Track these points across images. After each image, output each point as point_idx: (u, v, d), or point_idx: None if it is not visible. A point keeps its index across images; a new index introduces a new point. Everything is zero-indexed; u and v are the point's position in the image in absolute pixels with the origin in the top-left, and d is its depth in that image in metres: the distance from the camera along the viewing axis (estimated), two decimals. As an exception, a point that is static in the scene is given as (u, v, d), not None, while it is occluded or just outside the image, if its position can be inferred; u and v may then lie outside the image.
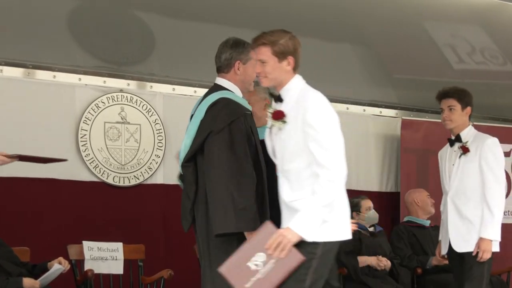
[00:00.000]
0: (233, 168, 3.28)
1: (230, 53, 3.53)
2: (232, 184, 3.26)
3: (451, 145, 4.32)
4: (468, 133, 4.29)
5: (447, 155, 4.33)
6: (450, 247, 4.22)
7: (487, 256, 4.07)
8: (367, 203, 5.38)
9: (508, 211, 6.46)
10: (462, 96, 4.28)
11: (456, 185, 4.23)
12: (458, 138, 4.28)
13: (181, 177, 3.59)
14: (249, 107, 3.55)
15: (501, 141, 6.49)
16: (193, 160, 3.45)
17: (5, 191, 4.78)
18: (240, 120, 3.40)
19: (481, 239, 4.09)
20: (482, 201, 4.13)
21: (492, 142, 4.22)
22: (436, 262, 5.21)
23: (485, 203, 4.11)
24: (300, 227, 2.93)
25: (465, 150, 4.21)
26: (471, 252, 4.11)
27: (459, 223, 4.18)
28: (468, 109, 4.29)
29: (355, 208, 5.33)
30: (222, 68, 3.55)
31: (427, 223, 5.69)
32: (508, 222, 6.42)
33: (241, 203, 3.25)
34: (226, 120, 3.36)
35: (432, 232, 5.55)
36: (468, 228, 4.15)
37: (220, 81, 3.57)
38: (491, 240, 4.08)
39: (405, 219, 5.81)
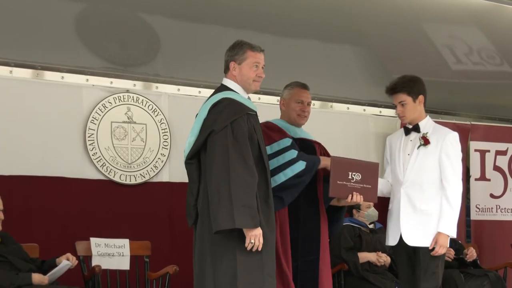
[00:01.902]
0: (235, 166, 3.32)
1: (227, 55, 3.61)
2: (233, 182, 3.29)
3: (407, 133, 4.09)
4: (427, 124, 4.07)
5: (401, 143, 4.07)
6: (400, 240, 3.98)
7: (442, 251, 3.91)
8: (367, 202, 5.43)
9: (505, 208, 6.52)
10: (411, 88, 4.01)
11: (412, 176, 3.98)
12: (416, 128, 4.05)
13: None
14: (254, 107, 3.59)
15: (498, 140, 6.59)
16: (196, 158, 3.50)
17: (15, 189, 4.78)
18: (242, 119, 3.44)
19: (439, 234, 3.90)
20: (439, 195, 3.93)
21: (454, 137, 4.03)
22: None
23: (445, 198, 3.92)
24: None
25: (426, 141, 3.99)
26: (427, 247, 3.92)
27: (412, 216, 3.95)
28: (421, 97, 4.04)
29: (355, 206, 5.36)
30: (224, 70, 3.65)
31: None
32: (504, 219, 6.49)
33: (241, 201, 3.28)
34: (227, 119, 3.40)
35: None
36: (422, 222, 3.93)
37: (225, 81, 3.65)
38: (448, 236, 3.93)
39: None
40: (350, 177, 3.79)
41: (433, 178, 3.97)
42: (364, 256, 5.24)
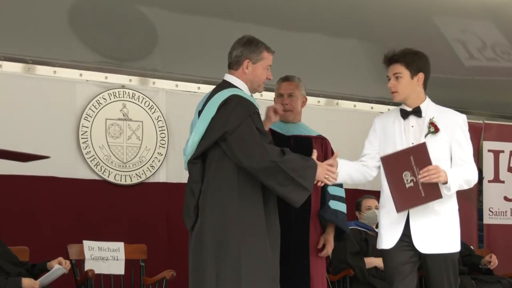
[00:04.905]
0: (270, 148, 3.37)
1: (241, 51, 3.52)
2: (282, 165, 3.33)
3: (405, 117, 3.59)
4: (429, 107, 3.59)
5: (400, 129, 3.59)
6: (401, 243, 3.54)
7: (430, 177, 3.45)
8: (367, 203, 5.34)
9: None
10: (411, 61, 3.54)
11: None
12: (417, 112, 3.56)
13: None
14: (258, 105, 3.55)
15: (513, 140, 6.54)
16: (201, 158, 3.45)
17: (3, 189, 4.77)
18: (253, 116, 3.42)
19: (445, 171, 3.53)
20: (454, 194, 3.55)
21: (463, 120, 3.58)
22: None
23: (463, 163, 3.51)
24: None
25: (436, 128, 3.52)
26: (442, 254, 3.53)
27: (423, 217, 3.51)
28: (420, 75, 3.55)
29: (357, 207, 5.37)
30: (232, 65, 3.55)
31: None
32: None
33: (296, 171, 3.35)
34: (239, 119, 3.37)
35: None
36: (435, 225, 3.51)
37: (229, 77, 3.56)
38: (447, 181, 3.47)
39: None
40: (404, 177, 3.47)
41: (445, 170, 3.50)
42: (371, 262, 5.17)
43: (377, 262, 5.12)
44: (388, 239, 3.59)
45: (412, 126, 3.57)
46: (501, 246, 6.33)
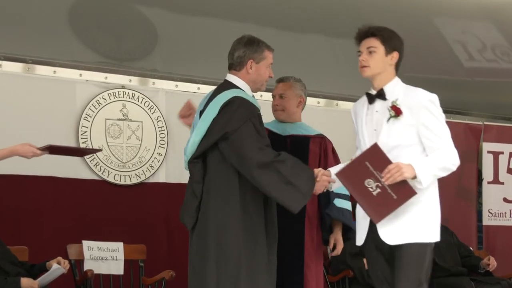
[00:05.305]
0: (269, 151, 3.34)
1: (244, 51, 3.51)
2: (281, 168, 3.30)
3: (371, 102, 3.29)
4: (395, 88, 3.24)
5: (365, 115, 3.31)
6: (369, 236, 3.28)
7: (393, 177, 3.14)
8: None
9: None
10: (388, 37, 3.28)
11: None
12: (381, 94, 3.24)
13: None
14: (259, 106, 3.55)
15: (513, 141, 6.54)
16: (201, 157, 3.44)
17: (3, 188, 4.76)
18: (254, 118, 3.41)
19: (409, 164, 3.17)
20: None
21: (431, 99, 3.19)
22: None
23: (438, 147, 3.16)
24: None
25: (397, 111, 3.17)
26: (410, 244, 3.17)
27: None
28: (395, 55, 3.27)
29: (355, 208, 5.30)
30: (234, 66, 3.54)
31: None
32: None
33: (296, 177, 3.31)
34: (240, 120, 3.36)
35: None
36: (401, 214, 3.19)
37: (232, 78, 3.55)
38: (415, 176, 3.16)
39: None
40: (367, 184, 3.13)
41: (411, 158, 3.16)
42: None
43: (377, 263, 5.19)
44: (360, 234, 3.33)
45: (377, 111, 3.25)
46: (501, 248, 6.32)
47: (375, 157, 3.10)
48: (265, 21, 5.03)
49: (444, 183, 6.78)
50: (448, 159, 3.18)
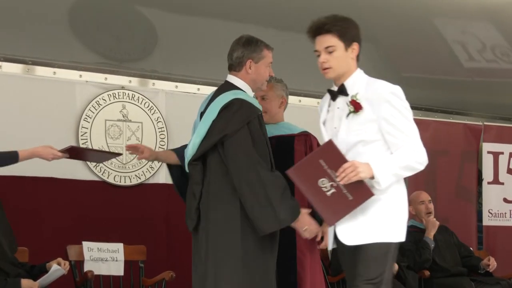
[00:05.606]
0: (262, 168, 3.28)
1: (242, 52, 3.51)
2: (268, 184, 3.26)
3: (333, 98, 3.06)
4: (357, 81, 3.00)
5: (326, 111, 3.10)
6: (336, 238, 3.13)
7: (349, 176, 2.91)
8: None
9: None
10: (344, 30, 3.00)
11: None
12: (343, 90, 3.01)
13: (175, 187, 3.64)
14: (260, 107, 3.53)
15: (513, 142, 6.52)
16: (201, 159, 3.44)
17: (3, 189, 4.71)
18: (254, 120, 3.40)
19: (366, 163, 2.97)
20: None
21: (393, 91, 2.95)
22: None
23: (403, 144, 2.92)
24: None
25: (357, 106, 2.93)
26: (371, 244, 3.00)
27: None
28: (355, 46, 3.02)
29: None
30: (234, 67, 3.53)
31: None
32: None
33: (280, 200, 3.25)
34: (240, 122, 3.35)
35: (437, 236, 5.45)
36: (360, 214, 3.00)
37: (232, 79, 3.54)
38: (373, 175, 2.94)
39: (409, 223, 5.72)
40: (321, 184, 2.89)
41: (374, 156, 2.94)
42: None
43: (377, 263, 5.17)
44: (330, 238, 3.13)
45: (338, 108, 3.03)
46: (501, 248, 6.30)
47: (330, 155, 2.85)
48: (265, 21, 5.02)
49: (444, 183, 6.79)
50: (412, 157, 2.92)
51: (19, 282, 4.01)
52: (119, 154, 4.09)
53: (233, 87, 3.50)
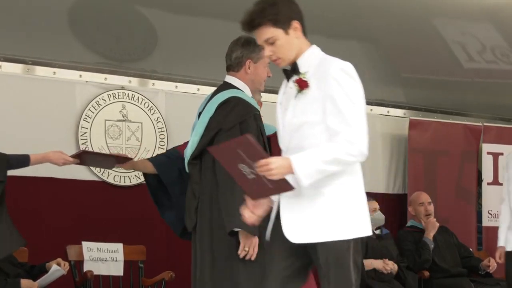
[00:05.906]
0: None
1: (241, 52, 3.51)
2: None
3: (288, 78, 2.79)
4: (309, 58, 2.74)
5: (282, 93, 2.83)
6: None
7: (269, 172, 2.61)
8: (372, 205, 5.31)
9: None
10: (276, 14, 2.71)
11: (290, 141, 2.72)
12: (295, 69, 2.74)
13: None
14: (258, 107, 3.53)
15: (513, 143, 6.50)
16: (199, 158, 3.44)
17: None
18: (250, 119, 3.39)
19: (287, 159, 2.69)
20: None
21: (340, 68, 2.67)
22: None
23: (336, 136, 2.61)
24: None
25: (302, 85, 2.69)
26: (322, 243, 2.69)
27: (294, 200, 2.70)
28: (295, 24, 2.74)
29: None
30: (233, 67, 3.54)
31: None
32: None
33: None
34: (236, 119, 3.35)
35: (437, 237, 5.45)
36: (308, 207, 2.70)
37: (231, 79, 3.55)
38: (293, 170, 2.65)
39: (409, 223, 5.72)
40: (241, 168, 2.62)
41: (320, 140, 2.65)
42: (370, 263, 5.15)
43: (376, 264, 5.14)
44: (269, 228, 2.79)
45: (290, 88, 2.76)
46: (500, 249, 6.33)
47: (247, 148, 2.59)
48: (264, 22, 5.06)
49: (444, 184, 6.77)
50: (342, 149, 2.59)
51: (18, 282, 4.01)
52: (129, 159, 3.86)
53: (231, 86, 3.51)
